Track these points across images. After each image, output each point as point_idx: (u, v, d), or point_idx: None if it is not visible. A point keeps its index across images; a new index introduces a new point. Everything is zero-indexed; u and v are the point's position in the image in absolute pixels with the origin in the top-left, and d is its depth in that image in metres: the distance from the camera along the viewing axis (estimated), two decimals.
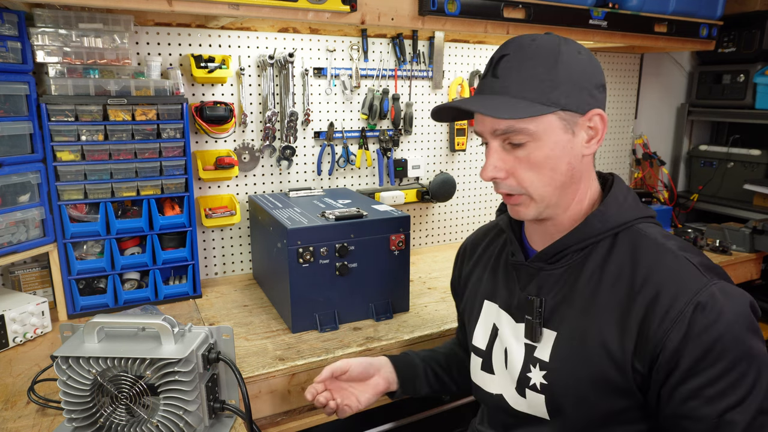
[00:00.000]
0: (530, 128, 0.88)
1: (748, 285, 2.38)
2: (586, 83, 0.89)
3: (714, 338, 0.79)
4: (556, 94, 0.87)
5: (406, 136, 2.23)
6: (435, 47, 2.18)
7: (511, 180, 0.92)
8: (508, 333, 1.02)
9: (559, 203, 0.93)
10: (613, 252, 0.92)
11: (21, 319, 1.44)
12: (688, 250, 0.89)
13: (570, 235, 0.94)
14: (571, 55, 0.88)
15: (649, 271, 0.86)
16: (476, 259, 1.18)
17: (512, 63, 0.89)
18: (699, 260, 0.86)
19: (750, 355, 0.80)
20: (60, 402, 0.99)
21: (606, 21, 2.00)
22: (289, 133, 1.94)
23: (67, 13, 1.48)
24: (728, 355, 0.79)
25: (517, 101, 0.87)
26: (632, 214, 0.94)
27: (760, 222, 2.28)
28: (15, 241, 1.46)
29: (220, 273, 1.97)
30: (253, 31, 1.86)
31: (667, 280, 0.84)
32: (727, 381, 0.80)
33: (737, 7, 2.61)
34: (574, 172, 0.92)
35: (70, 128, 1.50)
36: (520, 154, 0.90)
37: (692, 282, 0.82)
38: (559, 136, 0.89)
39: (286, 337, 1.49)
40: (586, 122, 0.91)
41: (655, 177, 2.87)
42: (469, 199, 2.46)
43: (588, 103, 0.90)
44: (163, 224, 1.66)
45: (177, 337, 0.99)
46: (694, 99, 2.91)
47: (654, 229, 0.94)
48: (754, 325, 0.82)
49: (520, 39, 0.91)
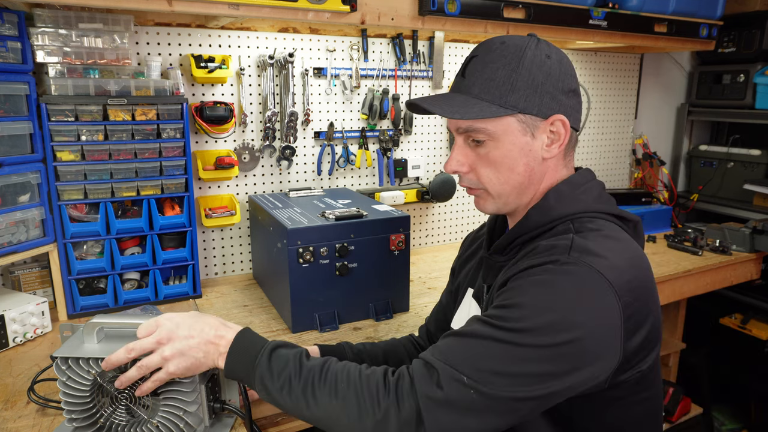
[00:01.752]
0: (488, 128, 0.93)
1: (748, 285, 2.39)
2: (551, 87, 0.92)
3: (519, 284, 0.84)
4: (514, 97, 0.91)
5: (406, 136, 2.23)
6: (435, 47, 2.18)
7: (471, 175, 0.98)
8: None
9: (518, 201, 0.98)
10: (540, 242, 0.93)
11: (21, 319, 1.44)
12: (591, 238, 0.87)
13: (515, 228, 0.99)
14: (536, 59, 0.91)
15: (536, 245, 0.91)
16: (472, 251, 1.23)
17: (478, 65, 0.94)
18: (581, 244, 0.85)
19: (535, 314, 0.79)
20: (60, 402, 0.99)
21: (606, 21, 2.00)
22: (289, 133, 1.94)
23: (67, 13, 1.48)
24: (515, 299, 0.82)
25: (476, 102, 0.92)
26: (576, 208, 0.94)
27: (760, 222, 2.28)
28: (15, 241, 1.46)
29: (220, 273, 1.97)
30: (253, 31, 1.86)
31: (538, 247, 0.89)
32: (493, 311, 0.84)
33: (737, 7, 2.61)
34: (533, 173, 0.96)
35: (70, 128, 1.50)
36: (481, 152, 0.96)
37: (554, 252, 0.85)
38: (516, 137, 0.93)
39: (286, 337, 1.49)
40: (547, 126, 0.94)
41: (655, 177, 2.87)
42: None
43: (550, 107, 0.92)
44: (163, 224, 1.66)
45: None
46: (694, 99, 2.91)
47: (592, 223, 0.91)
48: (570, 306, 0.79)
49: (490, 41, 0.96)
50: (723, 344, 2.69)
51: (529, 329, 0.79)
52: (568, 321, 0.79)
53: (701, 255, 2.22)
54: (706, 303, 2.50)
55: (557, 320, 0.78)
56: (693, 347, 2.59)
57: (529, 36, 0.95)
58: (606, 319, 0.80)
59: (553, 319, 0.79)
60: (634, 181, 2.93)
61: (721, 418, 2.72)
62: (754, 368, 2.60)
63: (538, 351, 0.78)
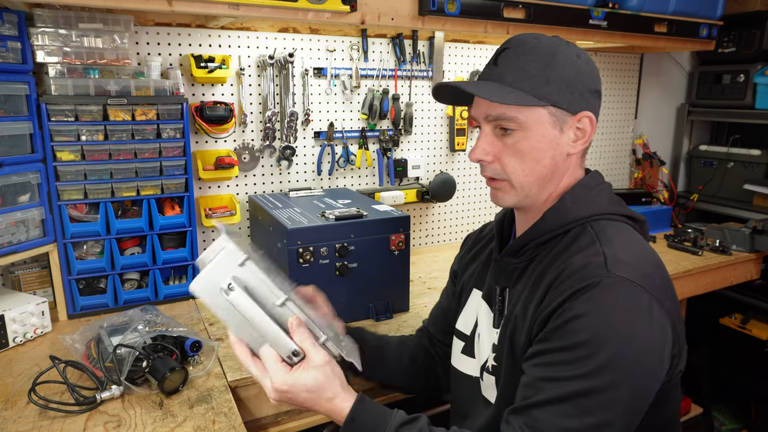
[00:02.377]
0: (520, 118, 0.92)
1: (748, 285, 2.39)
2: (580, 85, 0.94)
3: (573, 316, 0.82)
4: (548, 89, 0.91)
5: (406, 136, 2.23)
6: (435, 47, 2.18)
7: (496, 164, 0.97)
8: (484, 321, 1.07)
9: (538, 195, 0.98)
10: (556, 247, 0.95)
11: (21, 319, 1.44)
12: (618, 246, 0.88)
13: (529, 231, 0.98)
14: (568, 57, 0.93)
15: (565, 259, 0.90)
16: (475, 253, 1.22)
17: (511, 56, 0.94)
18: (614, 255, 0.86)
19: (601, 347, 0.80)
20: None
21: (606, 21, 1.99)
22: (289, 133, 1.94)
23: (67, 13, 1.48)
24: (577, 335, 0.81)
25: (511, 90, 0.92)
26: (591, 210, 0.95)
27: (760, 222, 2.28)
28: (15, 241, 1.46)
29: None
30: (253, 31, 1.86)
31: (572, 266, 0.88)
32: (561, 357, 0.82)
33: (737, 7, 2.61)
34: (557, 167, 0.96)
35: (70, 128, 1.50)
36: (508, 141, 0.94)
37: (590, 270, 0.85)
38: (546, 129, 0.93)
39: None
40: (575, 122, 0.95)
41: (655, 177, 2.87)
42: (469, 199, 2.46)
43: (579, 104, 0.94)
44: (163, 224, 1.66)
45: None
46: (694, 99, 2.91)
47: (610, 227, 0.93)
48: (625, 328, 0.81)
49: (523, 36, 0.96)
50: (723, 344, 2.69)
51: (601, 368, 0.79)
52: (634, 347, 0.81)
53: (701, 255, 2.22)
54: (706, 303, 2.49)
55: (621, 349, 0.80)
56: (693, 347, 2.56)
57: (555, 37, 0.96)
58: (660, 332, 0.84)
59: (618, 348, 0.80)
60: (634, 181, 2.93)
61: (721, 418, 2.72)
62: (754, 368, 2.60)
63: (619, 388, 0.79)
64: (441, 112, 2.30)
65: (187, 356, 1.32)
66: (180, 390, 1.21)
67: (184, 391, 1.22)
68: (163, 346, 1.27)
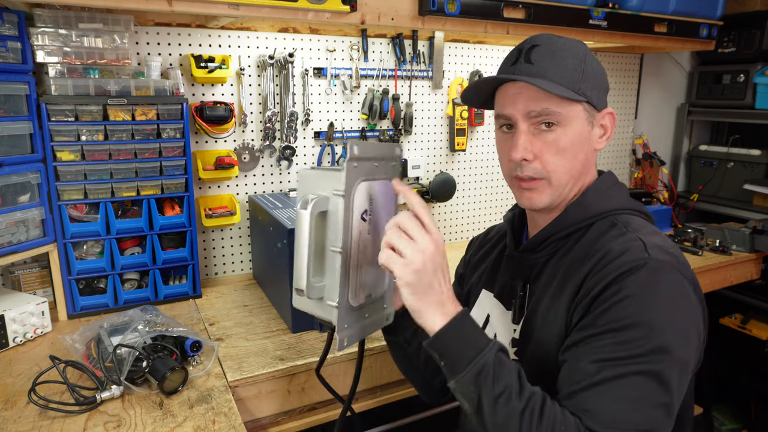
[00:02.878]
0: (563, 113, 0.92)
1: (748, 285, 2.39)
2: (602, 83, 0.97)
3: (621, 297, 0.82)
4: (585, 86, 0.93)
5: (406, 136, 2.23)
6: (435, 47, 2.18)
7: (537, 163, 0.95)
8: (498, 320, 1.07)
9: (570, 192, 0.98)
10: (583, 238, 0.95)
11: (21, 319, 1.44)
12: (651, 235, 0.90)
13: (551, 225, 0.99)
14: (593, 57, 0.97)
15: (602, 246, 0.90)
16: (482, 255, 1.21)
17: (545, 52, 0.94)
18: (653, 242, 0.87)
19: (655, 329, 0.80)
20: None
21: (606, 21, 1.99)
22: (289, 133, 1.94)
23: (67, 13, 1.48)
24: (628, 317, 0.81)
25: (554, 84, 0.91)
26: (613, 204, 0.97)
27: (760, 222, 2.28)
28: (15, 241, 1.46)
29: (220, 273, 1.97)
30: (253, 31, 1.86)
31: (612, 251, 0.88)
32: (613, 338, 0.81)
33: (737, 7, 2.61)
34: (587, 164, 0.98)
35: (70, 128, 1.50)
36: (549, 138, 0.93)
37: (632, 254, 0.85)
38: (582, 126, 0.95)
39: (286, 337, 1.49)
40: (600, 119, 0.98)
41: (655, 177, 2.87)
42: (469, 199, 2.46)
43: (602, 101, 0.97)
44: (163, 224, 1.66)
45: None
46: (694, 99, 2.91)
47: (634, 220, 0.95)
48: (674, 309, 0.82)
49: (546, 35, 0.97)
50: (723, 344, 2.68)
51: (657, 349, 0.79)
52: (682, 329, 0.82)
53: (701, 255, 2.22)
54: (706, 303, 2.49)
55: (675, 330, 0.81)
56: None
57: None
58: (698, 315, 0.87)
59: (672, 330, 0.81)
60: (634, 181, 2.92)
61: (721, 418, 2.72)
62: (754, 368, 2.59)
63: (672, 368, 0.80)
64: (441, 112, 2.29)
65: (187, 356, 1.32)
66: (180, 390, 1.21)
67: (184, 391, 1.22)
68: (163, 346, 1.27)
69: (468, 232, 2.50)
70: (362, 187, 0.91)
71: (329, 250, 0.90)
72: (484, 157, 2.46)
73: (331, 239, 0.90)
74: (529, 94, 0.92)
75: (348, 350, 1.39)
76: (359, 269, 0.93)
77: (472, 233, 2.51)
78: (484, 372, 0.81)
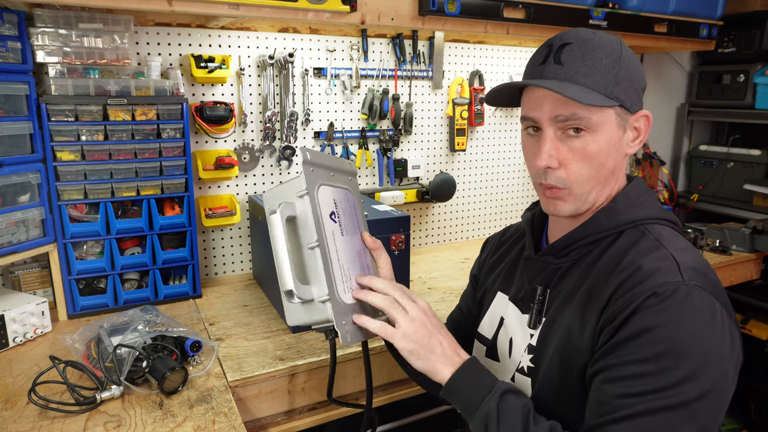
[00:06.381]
0: (592, 119, 0.87)
1: (748, 285, 2.39)
2: (638, 84, 0.91)
3: (650, 325, 0.78)
4: (618, 89, 0.88)
5: (406, 136, 2.23)
6: (435, 47, 2.18)
7: (561, 171, 0.90)
8: (514, 323, 1.04)
9: (596, 200, 0.94)
10: (611, 247, 0.92)
11: (21, 319, 1.44)
12: (684, 252, 0.86)
13: (577, 230, 0.95)
14: (629, 54, 0.90)
15: (632, 261, 0.86)
16: (499, 256, 1.18)
17: (576, 52, 0.88)
18: (686, 262, 0.83)
19: (683, 359, 0.76)
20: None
21: (606, 21, 1.99)
22: (289, 133, 1.94)
23: (67, 13, 1.48)
24: (656, 346, 0.77)
25: (584, 89, 0.86)
26: (644, 213, 0.93)
27: (760, 222, 2.28)
28: (15, 241, 1.46)
29: (220, 273, 1.97)
30: (253, 31, 1.86)
31: (642, 269, 0.84)
32: (642, 369, 0.78)
33: (737, 7, 2.61)
34: (617, 169, 0.93)
35: (70, 128, 1.50)
36: (576, 144, 0.89)
37: (664, 275, 0.81)
38: (613, 131, 0.89)
39: (286, 337, 1.49)
40: (633, 122, 0.92)
41: (655, 177, 2.87)
42: (469, 199, 2.46)
43: (637, 103, 0.92)
44: (163, 224, 1.66)
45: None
46: (694, 99, 2.91)
47: (665, 231, 0.91)
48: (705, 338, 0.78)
49: (579, 31, 0.91)
50: None
51: (686, 379, 0.76)
52: (714, 357, 0.78)
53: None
54: None
55: (704, 359, 0.77)
56: None
57: (612, 34, 0.93)
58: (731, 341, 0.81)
59: (701, 359, 0.77)
60: None
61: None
62: (754, 368, 2.60)
63: (702, 400, 0.76)
64: (441, 112, 2.30)
65: (187, 356, 1.32)
66: (180, 390, 1.21)
67: (184, 391, 1.22)
68: (163, 346, 1.27)
69: (468, 232, 2.50)
70: (324, 190, 0.96)
71: (307, 249, 0.93)
72: (484, 157, 2.46)
73: (306, 238, 0.93)
74: (557, 97, 0.87)
75: (351, 349, 1.39)
76: (342, 268, 0.95)
77: (471, 233, 2.51)
78: (488, 417, 0.85)
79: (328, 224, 0.94)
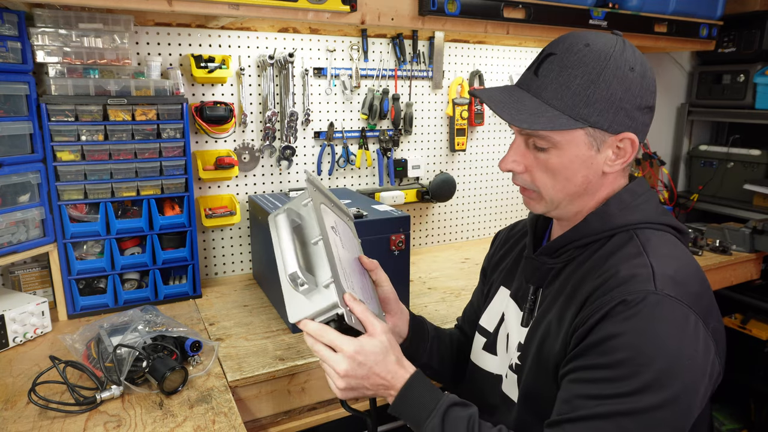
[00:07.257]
0: (554, 138, 0.88)
1: (748, 285, 2.39)
2: (627, 103, 0.87)
3: (615, 332, 0.79)
4: (588, 110, 0.86)
5: (406, 136, 2.23)
6: (435, 47, 2.18)
7: (526, 176, 0.94)
8: (512, 320, 1.05)
9: (568, 208, 0.95)
10: (599, 251, 0.92)
11: (21, 319, 1.44)
12: (667, 260, 0.85)
13: (571, 232, 0.95)
14: (618, 72, 0.86)
15: (611, 266, 0.87)
16: (505, 251, 1.20)
17: (555, 65, 0.88)
18: (663, 272, 0.82)
19: (644, 367, 0.77)
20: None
21: (606, 21, 1.99)
22: (289, 133, 1.94)
23: (67, 13, 1.48)
24: (619, 354, 0.78)
25: (546, 108, 0.87)
26: (637, 217, 0.92)
27: (760, 222, 2.28)
28: (15, 241, 1.46)
29: (220, 273, 1.97)
30: (253, 31, 1.86)
31: (617, 276, 0.84)
32: (603, 374, 0.79)
33: (737, 7, 2.61)
34: (590, 185, 0.92)
35: (70, 128, 1.50)
36: (540, 157, 0.91)
37: (638, 284, 0.81)
38: (581, 150, 0.89)
39: (286, 337, 1.49)
40: (615, 142, 0.89)
41: (655, 177, 2.87)
42: (469, 199, 2.46)
43: (623, 123, 0.88)
44: (163, 224, 1.66)
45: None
46: (694, 99, 2.91)
47: (654, 236, 0.90)
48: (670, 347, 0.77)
49: (574, 39, 0.89)
50: None
51: (645, 387, 0.76)
52: (679, 367, 0.77)
53: (701, 255, 2.22)
54: None
55: (666, 369, 0.77)
56: None
57: (616, 37, 0.89)
58: (704, 352, 0.80)
59: (663, 368, 0.77)
60: None
61: (721, 418, 2.72)
62: (754, 368, 2.60)
63: (661, 409, 0.76)
64: (441, 112, 2.30)
65: (187, 356, 1.32)
66: (180, 390, 1.21)
67: (184, 391, 1.22)
68: (163, 346, 1.27)
69: (468, 232, 2.50)
70: (325, 209, 1.00)
71: (311, 245, 0.94)
72: (484, 157, 2.46)
73: (310, 237, 0.95)
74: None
75: None
76: (344, 270, 0.96)
77: (472, 233, 2.51)
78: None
79: (330, 232, 0.97)
